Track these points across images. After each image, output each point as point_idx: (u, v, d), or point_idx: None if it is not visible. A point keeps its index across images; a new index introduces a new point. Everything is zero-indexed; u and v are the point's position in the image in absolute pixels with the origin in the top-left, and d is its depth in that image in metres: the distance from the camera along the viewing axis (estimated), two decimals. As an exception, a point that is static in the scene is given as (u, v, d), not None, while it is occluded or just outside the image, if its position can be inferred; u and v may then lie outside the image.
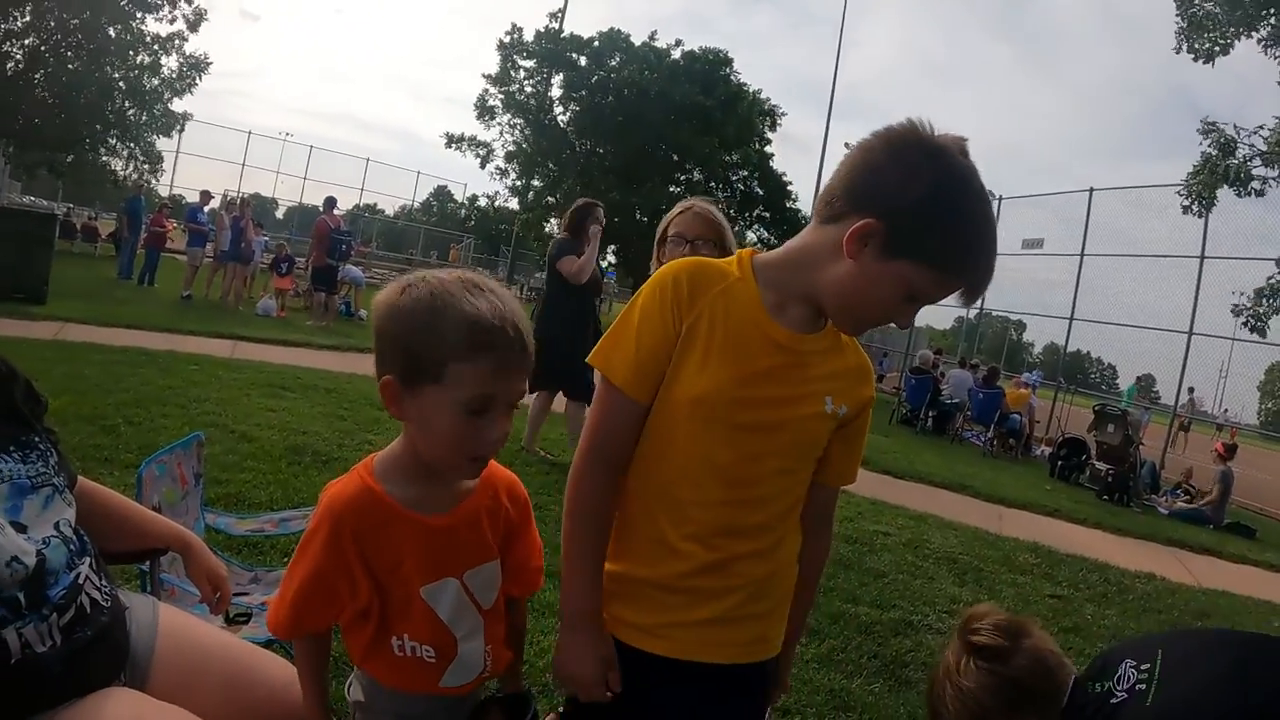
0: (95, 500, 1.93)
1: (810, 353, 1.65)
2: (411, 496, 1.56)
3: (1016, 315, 29.71)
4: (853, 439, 1.78)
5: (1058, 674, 1.90)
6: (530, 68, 37.54)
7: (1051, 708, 1.87)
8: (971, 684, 1.90)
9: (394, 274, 11.99)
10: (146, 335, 10.72)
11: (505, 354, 1.46)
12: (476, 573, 1.62)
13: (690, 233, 3.01)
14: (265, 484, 5.41)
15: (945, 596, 5.73)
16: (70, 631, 1.56)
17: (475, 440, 1.49)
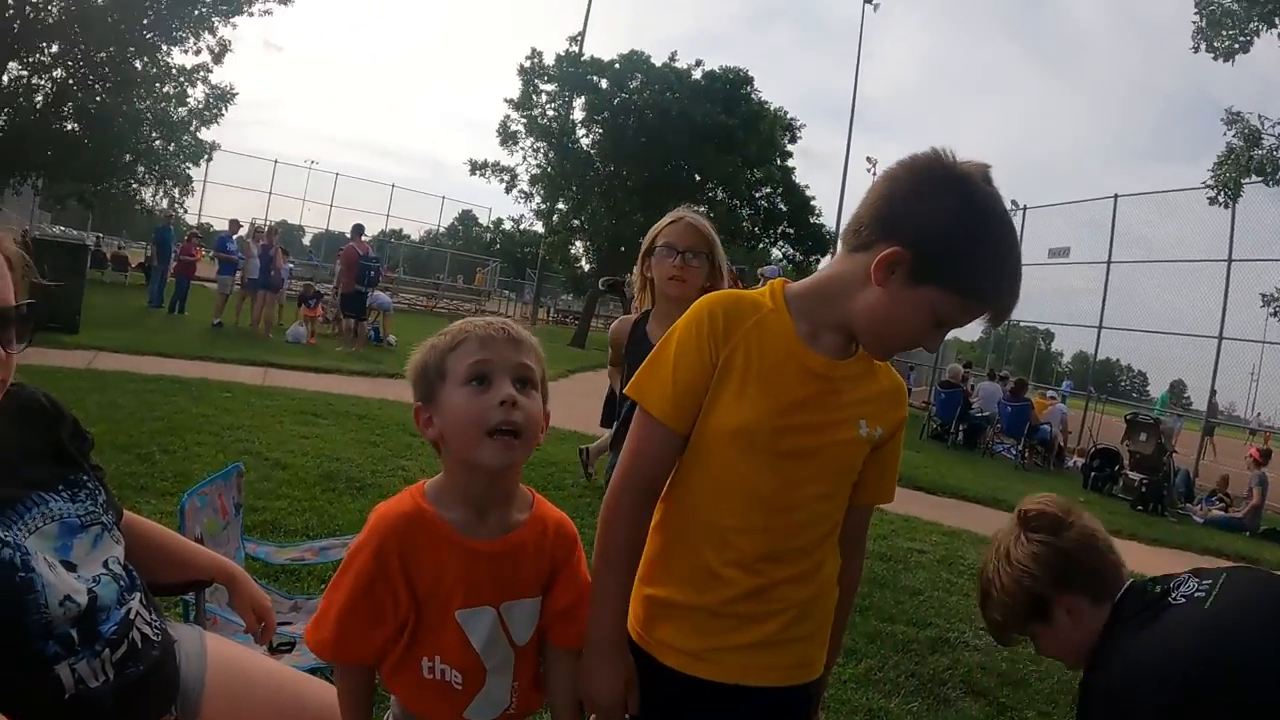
0: (141, 534, 1.96)
1: (844, 379, 1.68)
2: (459, 519, 1.61)
3: (1044, 325, 29.58)
4: (887, 459, 1.80)
5: (1108, 558, 1.95)
6: (551, 91, 37.71)
7: (1101, 589, 1.91)
8: (1022, 555, 1.95)
9: (421, 299, 12.10)
10: (178, 363, 10.85)
11: (488, 335, 1.60)
12: (514, 606, 1.65)
13: (681, 244, 2.95)
14: (300, 510, 5.46)
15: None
16: (123, 667, 1.59)
17: (483, 410, 1.55)
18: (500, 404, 1.55)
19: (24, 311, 1.59)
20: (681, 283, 2.92)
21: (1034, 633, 2.02)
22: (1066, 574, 1.92)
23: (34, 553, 1.50)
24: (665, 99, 34.30)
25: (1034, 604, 1.97)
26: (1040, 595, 1.96)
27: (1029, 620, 2.00)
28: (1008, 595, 2.00)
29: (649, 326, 3.01)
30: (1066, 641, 1.97)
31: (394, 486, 6.33)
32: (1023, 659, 4.84)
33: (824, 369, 1.66)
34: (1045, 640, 2.01)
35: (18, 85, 23.29)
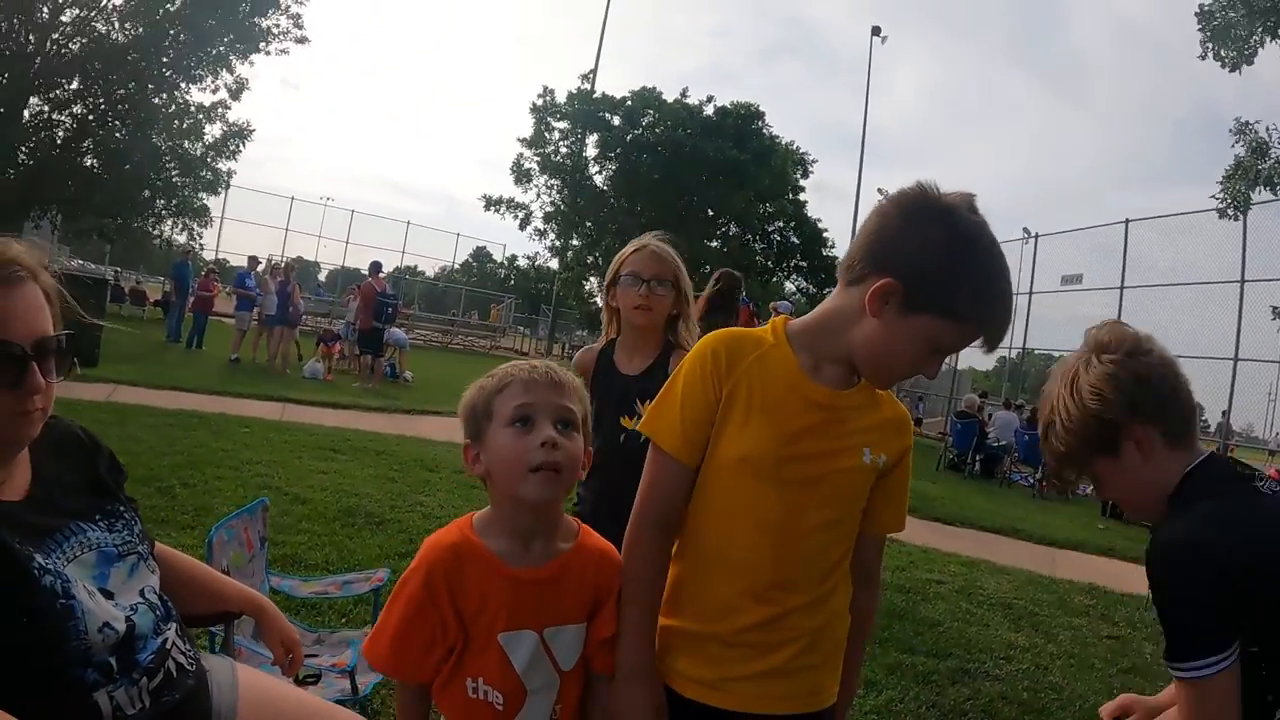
0: (172, 565, 1.99)
1: (847, 408, 1.73)
2: (503, 549, 1.69)
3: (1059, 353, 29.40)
4: (894, 488, 1.83)
5: (1185, 395, 1.79)
6: (564, 129, 38.07)
7: (1176, 426, 1.76)
8: (1093, 377, 1.78)
9: (437, 335, 12.16)
10: (197, 398, 10.92)
11: (531, 378, 1.70)
12: (559, 632, 1.71)
13: (646, 272, 2.90)
14: (320, 545, 5.49)
15: (1001, 643, 5.67)
16: (159, 695, 1.62)
17: (526, 449, 1.64)
18: (542, 445, 1.63)
19: (63, 343, 1.64)
20: (648, 311, 2.90)
21: (1097, 472, 1.84)
22: (1141, 400, 1.74)
23: (74, 581, 1.54)
24: (678, 135, 34.58)
25: (1102, 432, 1.77)
26: (1110, 422, 1.76)
27: (1094, 453, 1.80)
28: (1073, 421, 1.81)
29: (616, 355, 2.98)
30: (1133, 481, 1.80)
31: (413, 522, 6.38)
32: (1044, 688, 4.83)
33: (826, 399, 1.72)
34: (1108, 478, 1.83)
35: (38, 120, 23.61)
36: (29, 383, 1.56)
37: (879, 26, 39.04)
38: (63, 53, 22.82)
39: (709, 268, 37.88)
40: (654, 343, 2.97)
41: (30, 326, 1.59)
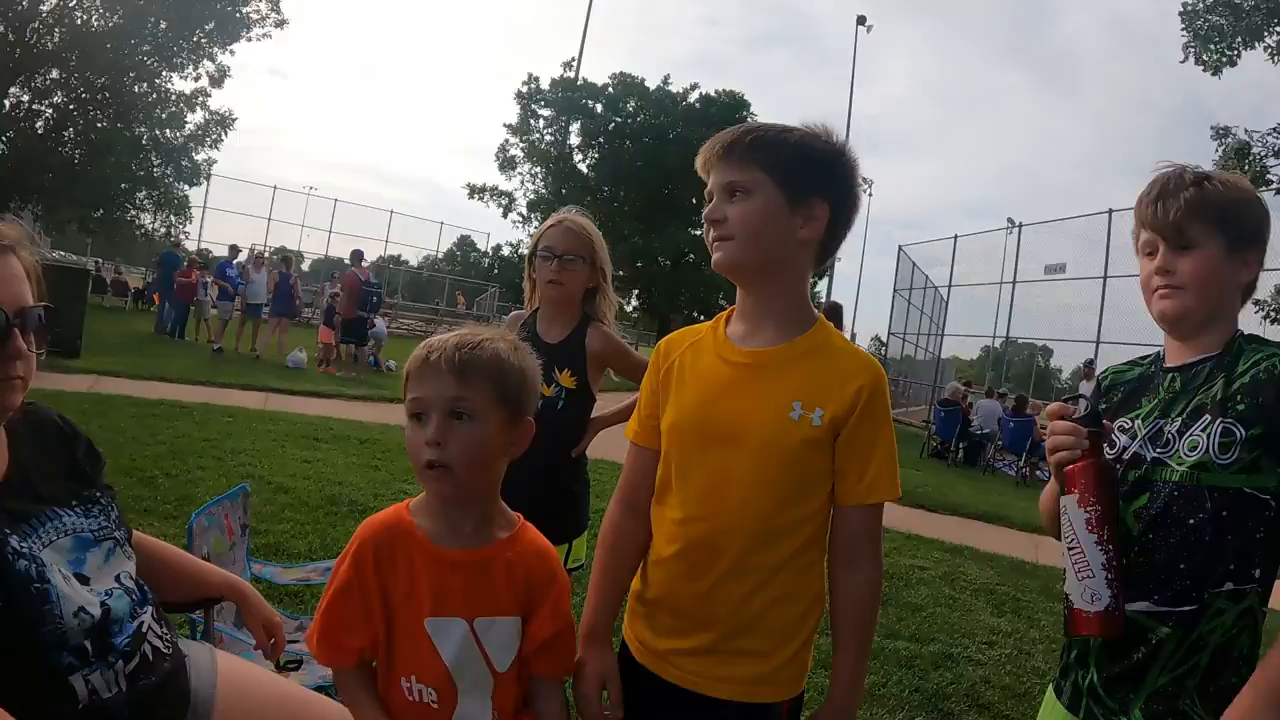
0: (152, 552, 1.99)
1: (774, 364, 1.75)
2: (434, 529, 1.68)
3: (1043, 341, 29.57)
4: (859, 448, 1.72)
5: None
6: (549, 116, 38.02)
7: (1253, 283, 1.76)
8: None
9: (420, 324, 12.15)
10: (180, 388, 10.87)
11: (424, 367, 1.64)
12: (490, 624, 1.67)
13: (559, 247, 2.95)
14: (304, 534, 5.48)
15: (984, 628, 5.71)
16: (135, 679, 1.61)
17: (417, 446, 1.62)
18: (426, 443, 1.61)
19: (43, 316, 1.64)
20: (559, 285, 2.94)
21: (1211, 250, 1.71)
22: (1267, 231, 1.73)
23: (49, 565, 1.53)
24: (661, 123, 34.55)
25: (1243, 223, 1.72)
26: (1257, 223, 1.73)
27: (1221, 229, 1.70)
28: (1243, 194, 1.74)
29: (538, 325, 3.04)
30: (1222, 284, 1.72)
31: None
32: (1026, 672, 4.86)
33: (748, 358, 1.77)
34: (1211, 266, 1.71)
35: (19, 110, 23.45)
36: (12, 347, 1.56)
37: (864, 16, 39.31)
38: (43, 41, 22.64)
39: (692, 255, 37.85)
40: (570, 314, 3.02)
41: (13, 295, 1.59)
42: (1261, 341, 1.68)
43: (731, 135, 1.76)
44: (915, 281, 30.40)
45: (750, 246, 1.73)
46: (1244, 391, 1.60)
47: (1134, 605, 1.66)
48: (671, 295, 36.40)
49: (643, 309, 39.86)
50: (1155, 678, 1.63)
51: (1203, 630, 1.59)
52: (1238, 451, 1.58)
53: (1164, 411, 1.74)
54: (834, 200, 1.76)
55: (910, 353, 32.98)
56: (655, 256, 34.22)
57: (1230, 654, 1.59)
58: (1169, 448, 1.68)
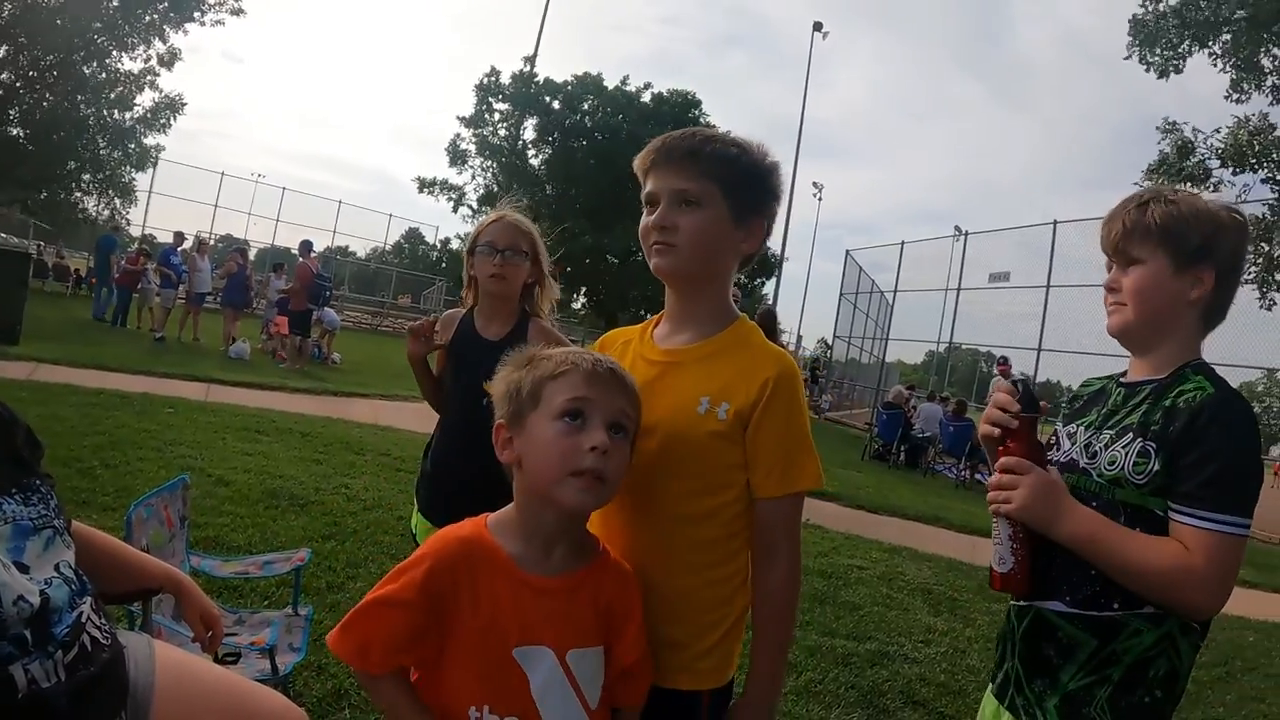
0: (90, 541, 1.98)
1: (686, 362, 1.82)
2: (520, 552, 1.60)
3: (986, 348, 30.01)
4: (767, 440, 1.75)
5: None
6: (505, 111, 37.83)
7: (1219, 310, 1.80)
8: (1219, 206, 1.79)
9: (366, 317, 12.04)
10: (121, 377, 10.68)
11: (594, 371, 1.60)
12: (581, 655, 1.60)
13: (501, 242, 2.96)
14: (243, 527, 5.44)
15: (920, 626, 5.81)
16: (74, 669, 1.60)
17: (573, 449, 1.54)
18: (592, 448, 1.54)
19: None
20: (502, 280, 2.96)
21: (1160, 264, 1.76)
22: (1236, 258, 1.79)
23: None
24: (615, 121, 34.53)
25: (1201, 240, 1.75)
26: (1207, 239, 1.75)
27: (1162, 246, 1.75)
28: (1194, 213, 1.77)
29: (476, 321, 3.05)
30: (1164, 300, 1.77)
31: (337, 504, 6.35)
32: (961, 670, 4.96)
33: (662, 355, 1.84)
34: (1149, 279, 1.77)
35: (-39, 87, 22.91)
36: None
37: (820, 22, 39.62)
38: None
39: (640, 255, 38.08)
40: (510, 310, 3.03)
41: None
42: (1206, 373, 1.74)
43: (688, 143, 1.79)
44: (862, 286, 30.67)
45: (695, 257, 1.79)
46: (1163, 415, 1.67)
47: (1048, 604, 1.75)
48: (619, 293, 36.38)
49: (590, 306, 39.82)
50: (1069, 680, 1.70)
51: (1118, 647, 1.66)
52: (1149, 473, 1.65)
53: (1100, 424, 1.81)
54: (768, 217, 1.87)
55: (855, 356, 33.31)
56: (604, 254, 34.19)
57: (1145, 673, 1.65)
58: (1095, 460, 1.76)
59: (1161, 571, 1.57)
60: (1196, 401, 1.65)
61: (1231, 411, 1.64)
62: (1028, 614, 1.80)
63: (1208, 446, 1.60)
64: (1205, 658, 6.06)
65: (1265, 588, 9.33)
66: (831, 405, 31.47)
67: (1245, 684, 5.83)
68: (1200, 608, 1.61)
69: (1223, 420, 1.62)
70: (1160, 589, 1.60)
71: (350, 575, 4.87)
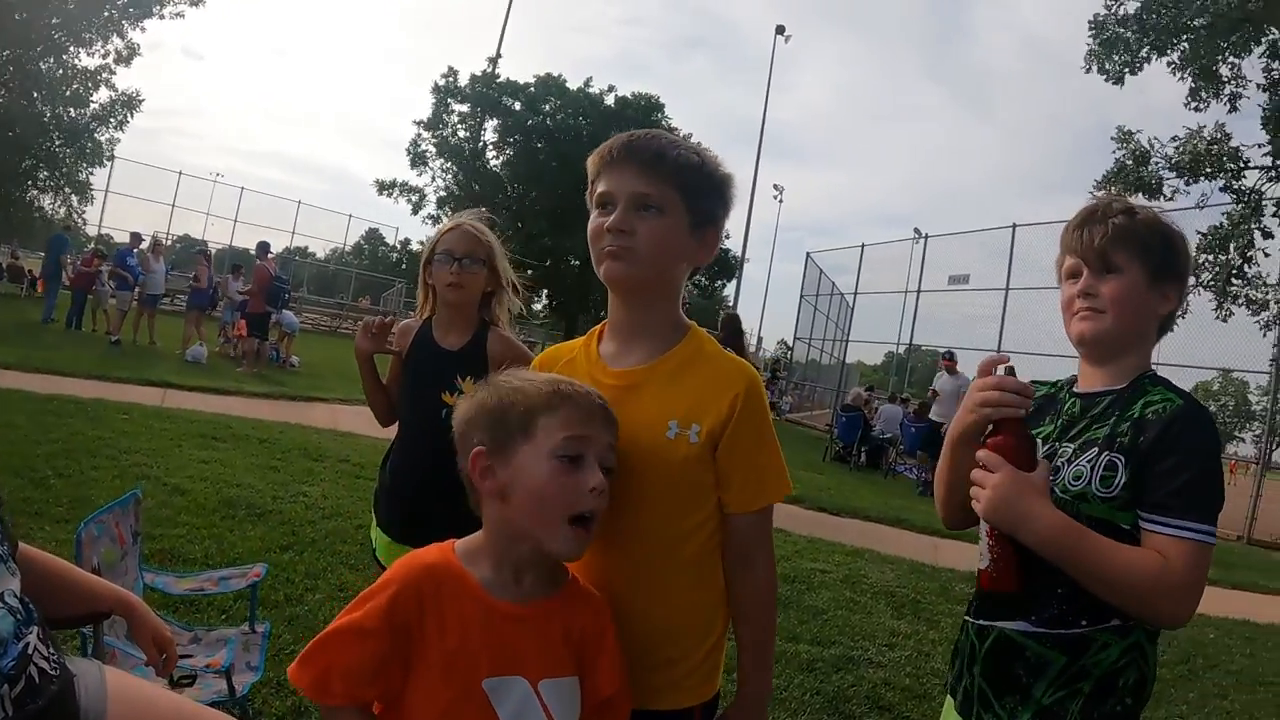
0: (37, 565, 1.92)
1: (646, 383, 1.75)
2: (487, 577, 1.56)
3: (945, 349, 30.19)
4: (741, 455, 1.73)
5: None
6: (464, 112, 37.72)
7: (1171, 320, 1.84)
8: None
9: (325, 319, 11.91)
10: (75, 382, 10.48)
11: (590, 407, 1.56)
12: (555, 685, 1.55)
13: (458, 250, 2.93)
14: (199, 539, 5.35)
15: (884, 630, 5.82)
16: (22, 703, 1.55)
17: (574, 490, 1.51)
18: (592, 490, 1.52)
19: None
20: (459, 289, 2.93)
21: (1129, 275, 1.77)
22: (1188, 268, 1.83)
23: None
24: (577, 123, 34.54)
25: (1161, 254, 1.78)
26: (1176, 256, 1.80)
27: (1140, 258, 1.77)
28: (1165, 231, 1.80)
29: (435, 333, 3.01)
30: (1139, 314, 1.79)
31: (295, 513, 6.27)
32: (926, 674, 4.97)
33: (621, 379, 1.76)
34: (1130, 289, 1.77)
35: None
36: None
37: (783, 25, 39.83)
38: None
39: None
40: (468, 320, 3.00)
41: None
42: (1166, 385, 1.74)
43: (653, 145, 1.73)
44: (823, 288, 30.90)
45: (650, 264, 1.72)
46: (1132, 427, 1.67)
47: (1012, 624, 1.74)
48: (580, 296, 36.37)
49: (551, 309, 39.76)
50: (1041, 696, 1.69)
51: (1088, 661, 1.66)
52: (1117, 487, 1.65)
53: (1059, 436, 1.80)
54: (721, 229, 1.84)
55: (816, 357, 33.52)
56: (565, 257, 34.19)
57: (1115, 684, 1.66)
58: (1057, 474, 1.74)
59: (1138, 581, 1.57)
60: (1167, 413, 1.65)
61: (1201, 422, 1.65)
62: (990, 633, 1.78)
63: (1181, 456, 1.61)
64: (1168, 656, 6.15)
65: (1224, 584, 9.43)
66: (792, 406, 31.64)
67: (1207, 681, 5.89)
68: (1175, 616, 1.61)
69: (1195, 431, 1.64)
70: (1136, 598, 1.60)
71: (309, 587, 4.79)
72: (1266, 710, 5.51)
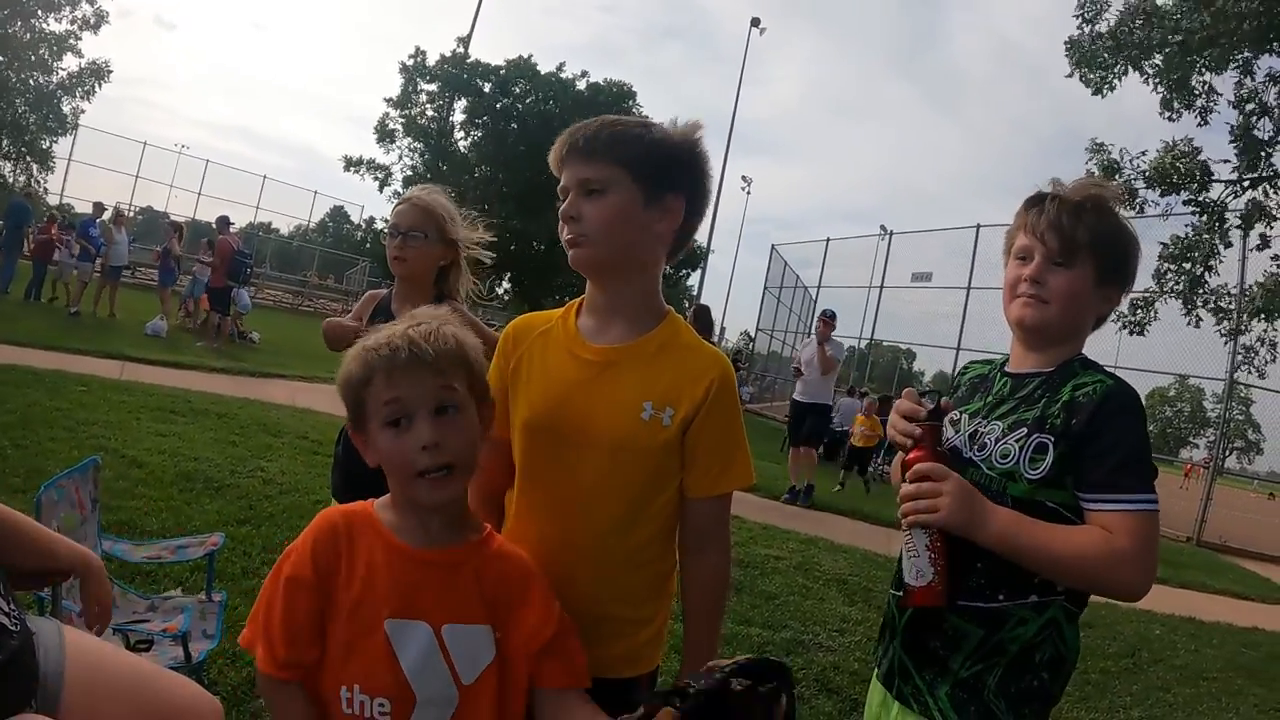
0: (1, 519, 1.93)
1: (625, 362, 1.78)
2: (400, 524, 1.60)
3: (906, 345, 30.50)
4: (710, 441, 1.77)
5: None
6: (433, 91, 37.46)
7: (1103, 318, 1.90)
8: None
9: (288, 296, 11.80)
10: (32, 353, 10.36)
11: (393, 362, 1.54)
12: (459, 631, 1.56)
13: (403, 224, 2.94)
14: (157, 511, 5.35)
15: (835, 616, 5.92)
16: (-19, 655, 1.58)
17: (407, 454, 1.53)
18: (423, 448, 1.52)
19: None
20: (403, 262, 2.95)
21: (1080, 272, 1.80)
22: (1135, 271, 1.88)
23: None
24: (548, 108, 34.39)
25: (1113, 257, 1.82)
26: (1127, 260, 1.86)
27: (1093, 257, 1.80)
28: (1123, 233, 1.85)
29: (392, 304, 3.03)
30: (1083, 310, 1.84)
31: (253, 487, 6.26)
32: (875, 658, 5.06)
33: (599, 355, 1.79)
34: (1079, 286, 1.81)
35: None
36: None
37: (758, 18, 39.76)
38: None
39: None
40: (423, 292, 3.00)
41: None
42: (1095, 368, 1.80)
43: (588, 130, 1.77)
44: (786, 280, 31.04)
45: (606, 244, 1.75)
46: (1063, 410, 1.72)
47: None
48: (544, 279, 36.23)
49: (514, 292, 39.62)
50: (959, 669, 1.75)
51: (1005, 636, 1.72)
52: (1046, 467, 1.70)
53: (987, 414, 1.86)
54: (689, 193, 1.82)
55: (777, 349, 33.63)
56: (530, 240, 34.05)
57: (1032, 658, 1.72)
58: (984, 451, 1.80)
59: (1093, 558, 1.62)
60: (1099, 393, 1.71)
61: (1131, 399, 1.72)
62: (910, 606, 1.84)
63: (1117, 434, 1.67)
64: (1113, 649, 6.35)
65: (1172, 583, 9.66)
66: (753, 397, 31.77)
67: (1151, 675, 6.04)
68: (1135, 585, 1.65)
69: (1128, 408, 1.70)
70: (1093, 576, 1.65)
71: (265, 560, 4.80)
72: (1207, 703, 5.67)
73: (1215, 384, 17.43)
